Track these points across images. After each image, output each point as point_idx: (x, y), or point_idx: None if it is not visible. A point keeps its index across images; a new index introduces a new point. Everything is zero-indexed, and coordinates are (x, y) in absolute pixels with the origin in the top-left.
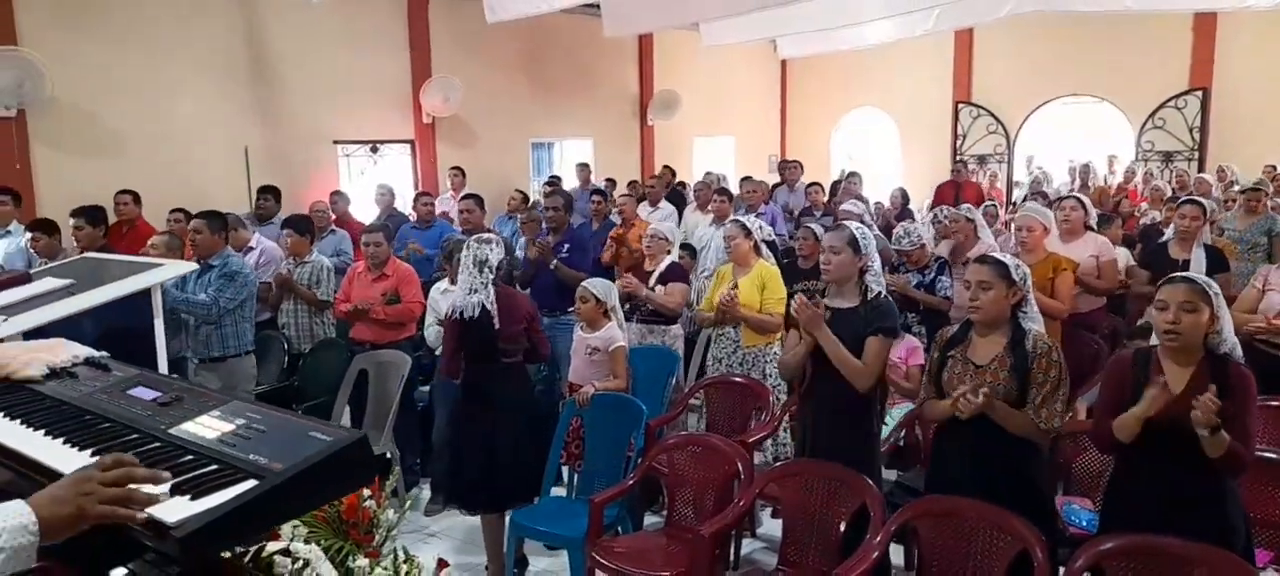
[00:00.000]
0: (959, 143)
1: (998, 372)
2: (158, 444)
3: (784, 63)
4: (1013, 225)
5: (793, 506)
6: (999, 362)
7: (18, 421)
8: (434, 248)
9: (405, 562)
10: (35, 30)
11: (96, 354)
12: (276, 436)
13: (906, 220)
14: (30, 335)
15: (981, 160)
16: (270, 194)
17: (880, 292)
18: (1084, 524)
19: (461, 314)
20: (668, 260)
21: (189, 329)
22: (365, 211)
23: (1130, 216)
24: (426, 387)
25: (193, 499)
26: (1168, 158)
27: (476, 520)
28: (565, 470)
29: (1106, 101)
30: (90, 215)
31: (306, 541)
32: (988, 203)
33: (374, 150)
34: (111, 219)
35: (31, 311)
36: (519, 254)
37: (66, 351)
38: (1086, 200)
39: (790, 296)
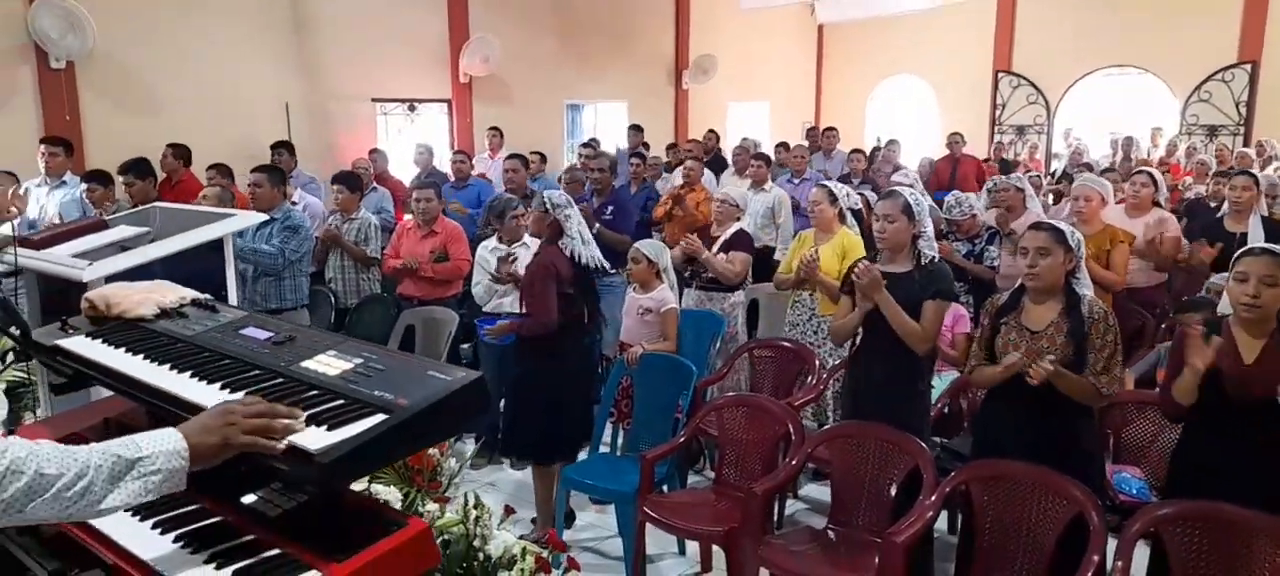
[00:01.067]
0: (998, 112)
1: (1054, 338)
2: (282, 380)
3: (821, 28)
4: (1070, 194)
5: (843, 468)
6: (1055, 328)
7: (141, 357)
8: (471, 206)
9: (475, 508)
10: None
11: (202, 296)
12: (396, 375)
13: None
14: (112, 279)
15: (1021, 131)
16: (285, 149)
17: (934, 257)
18: (1134, 492)
19: (600, 265)
20: (735, 227)
21: (247, 281)
22: (402, 169)
23: (1173, 190)
24: (467, 345)
25: (329, 430)
26: (1212, 132)
27: (519, 474)
28: (609, 428)
29: (1150, 73)
30: (138, 169)
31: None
32: (1031, 173)
33: (411, 109)
34: (158, 173)
35: (114, 257)
36: None
37: (173, 293)
38: (1158, 176)
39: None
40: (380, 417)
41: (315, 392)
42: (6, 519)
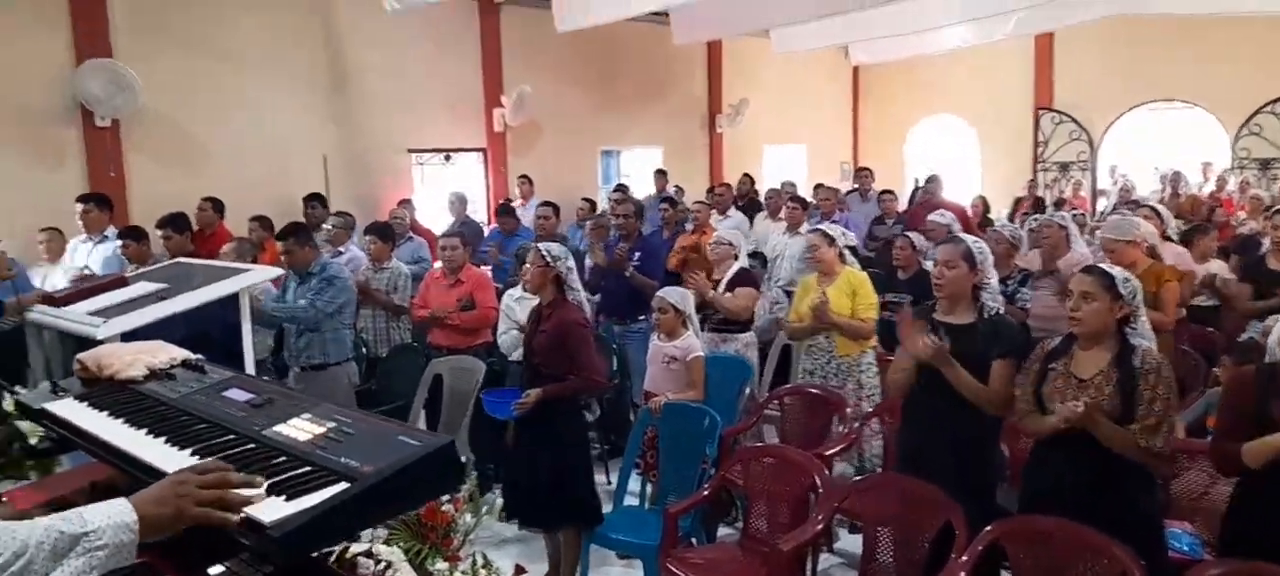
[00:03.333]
0: (1040, 150)
1: (1103, 387)
2: (253, 445)
3: (856, 69)
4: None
5: (874, 522)
6: (1104, 377)
7: (122, 420)
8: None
9: (484, 567)
10: (128, 43)
11: (192, 356)
12: (366, 440)
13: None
14: (128, 337)
15: (1064, 168)
16: (318, 201)
17: (997, 310)
18: (1186, 548)
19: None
20: (735, 266)
21: (290, 338)
22: (437, 219)
23: (1224, 226)
24: None
25: (288, 499)
26: (1265, 165)
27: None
28: (637, 480)
29: (1198, 107)
30: (175, 223)
31: (387, 543)
32: (1075, 211)
33: (447, 158)
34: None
35: (129, 314)
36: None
37: (165, 353)
38: (1162, 210)
39: (885, 307)
40: (342, 486)
41: (284, 459)
42: None
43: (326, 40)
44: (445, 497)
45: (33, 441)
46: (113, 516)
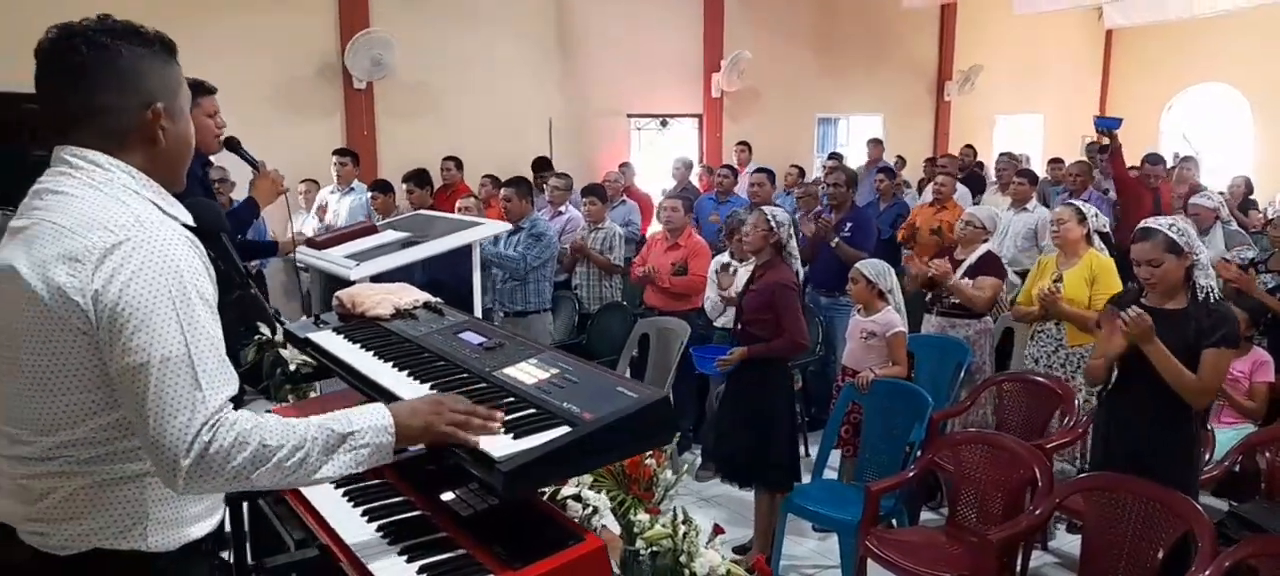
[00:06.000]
0: None
1: None
2: (484, 385)
3: (1109, 33)
4: None
5: (1098, 525)
6: None
7: (371, 353)
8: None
9: (684, 523)
10: (384, 12)
11: (433, 299)
12: (587, 388)
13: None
14: (375, 279)
15: None
16: (546, 165)
17: (1212, 289)
18: None
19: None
20: (983, 249)
21: (495, 283)
22: (651, 183)
23: None
24: None
25: (515, 438)
26: None
27: (740, 491)
28: (837, 454)
29: None
30: (418, 179)
31: (593, 490)
32: None
33: (663, 124)
34: (437, 181)
35: (377, 259)
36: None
37: (409, 295)
38: None
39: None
40: (564, 430)
41: (511, 399)
42: (235, 485)
43: (558, 6)
44: (648, 453)
45: (293, 368)
46: (373, 419)
